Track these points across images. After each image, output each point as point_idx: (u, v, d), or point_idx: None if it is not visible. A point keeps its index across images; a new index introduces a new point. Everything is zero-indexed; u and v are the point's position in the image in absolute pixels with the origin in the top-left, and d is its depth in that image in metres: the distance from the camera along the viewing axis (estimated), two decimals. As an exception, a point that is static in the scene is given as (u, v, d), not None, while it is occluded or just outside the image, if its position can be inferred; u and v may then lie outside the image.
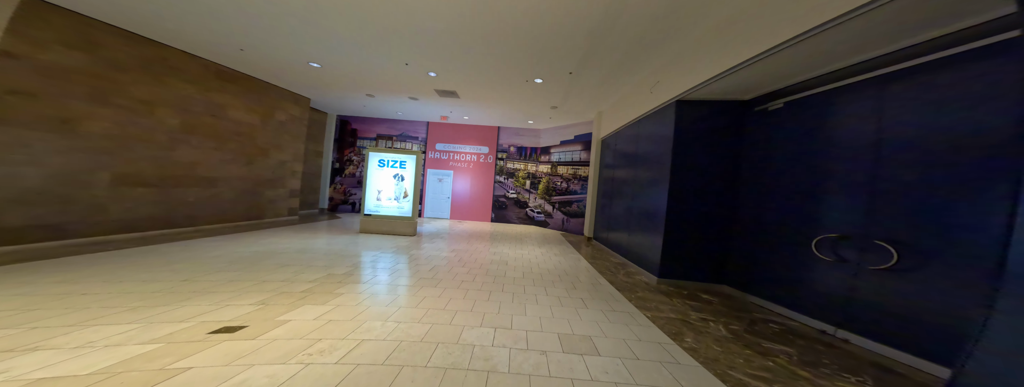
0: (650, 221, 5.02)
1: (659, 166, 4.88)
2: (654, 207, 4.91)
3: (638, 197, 5.66)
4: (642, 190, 5.52)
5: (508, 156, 11.31)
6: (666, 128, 4.75)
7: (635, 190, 5.86)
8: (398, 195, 6.97)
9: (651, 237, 4.92)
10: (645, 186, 5.41)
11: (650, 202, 5.10)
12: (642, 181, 5.57)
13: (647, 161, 5.43)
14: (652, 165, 5.19)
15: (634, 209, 5.78)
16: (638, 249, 5.46)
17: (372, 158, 6.93)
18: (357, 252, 5.39)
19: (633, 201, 5.86)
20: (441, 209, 11.40)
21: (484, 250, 6.43)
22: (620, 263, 6.03)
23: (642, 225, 5.36)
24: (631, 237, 5.83)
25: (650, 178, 5.21)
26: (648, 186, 5.27)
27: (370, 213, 6.90)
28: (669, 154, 4.55)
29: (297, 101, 8.31)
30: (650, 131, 5.44)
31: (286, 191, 8.23)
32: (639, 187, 5.68)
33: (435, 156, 11.24)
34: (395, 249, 5.80)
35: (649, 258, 4.94)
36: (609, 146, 7.98)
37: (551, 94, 7.46)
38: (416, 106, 9.24)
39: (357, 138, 10.84)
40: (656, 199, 4.85)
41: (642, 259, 5.23)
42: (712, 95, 4.30)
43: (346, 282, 3.78)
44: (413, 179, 7.01)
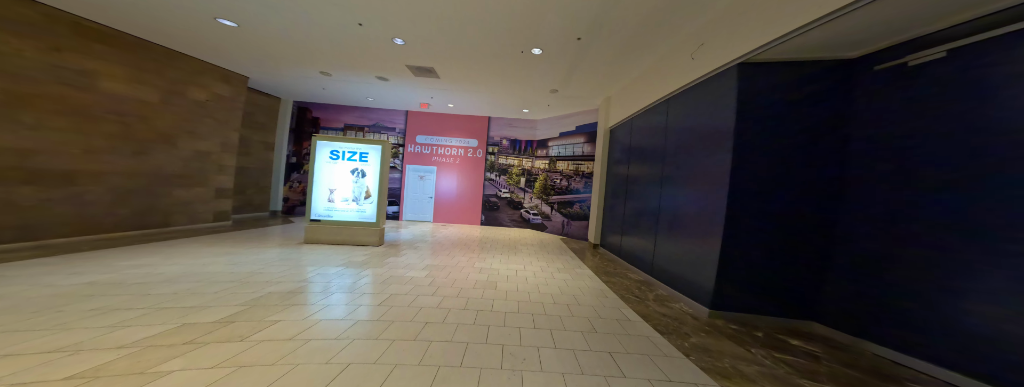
0: (695, 228, 3.65)
1: (709, 154, 3.52)
2: (701, 210, 3.55)
3: (671, 197, 4.29)
4: (679, 187, 4.15)
5: (500, 150, 9.91)
6: (721, 104, 3.41)
7: (665, 188, 4.49)
8: (358, 195, 5.50)
9: (697, 250, 3.55)
10: (684, 182, 4.05)
11: (695, 203, 3.73)
12: (678, 176, 4.20)
13: (687, 150, 4.06)
14: (695, 153, 3.83)
15: (663, 212, 4.41)
16: (672, 266, 4.09)
17: (321, 149, 5.46)
18: (278, 276, 3.79)
19: (661, 201, 4.49)
20: (423, 211, 9.94)
21: (468, 265, 5.00)
22: (642, 281, 4.66)
23: (678, 234, 4.00)
24: (659, 248, 4.45)
25: (693, 171, 3.85)
26: (690, 182, 3.91)
27: (319, 219, 5.42)
28: (729, 137, 3.20)
29: (227, 79, 6.70)
30: (690, 111, 4.09)
31: (209, 191, 6.55)
32: (673, 184, 4.31)
33: (416, 150, 9.78)
34: (343, 268, 4.32)
35: (693, 280, 3.57)
36: (619, 137, 6.62)
37: (551, 72, 6.07)
38: (389, 90, 7.78)
39: (319, 128, 9.30)
40: (706, 199, 3.49)
41: (681, 281, 3.86)
42: (796, 53, 2.97)
43: (202, 341, 2.21)
44: (378, 175, 5.55)
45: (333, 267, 4.27)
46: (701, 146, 3.70)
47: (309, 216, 5.34)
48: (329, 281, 3.73)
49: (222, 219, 6.88)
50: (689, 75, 4.00)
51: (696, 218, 3.63)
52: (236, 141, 7.00)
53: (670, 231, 4.18)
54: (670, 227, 4.19)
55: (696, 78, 3.83)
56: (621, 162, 6.41)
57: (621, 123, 6.55)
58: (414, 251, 5.65)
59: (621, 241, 5.94)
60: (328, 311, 2.91)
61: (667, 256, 4.22)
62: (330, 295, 3.29)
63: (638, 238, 5.19)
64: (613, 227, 6.52)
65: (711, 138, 3.50)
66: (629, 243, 5.57)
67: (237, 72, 6.88)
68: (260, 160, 8.57)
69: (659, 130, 4.80)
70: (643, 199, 5.15)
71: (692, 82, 3.93)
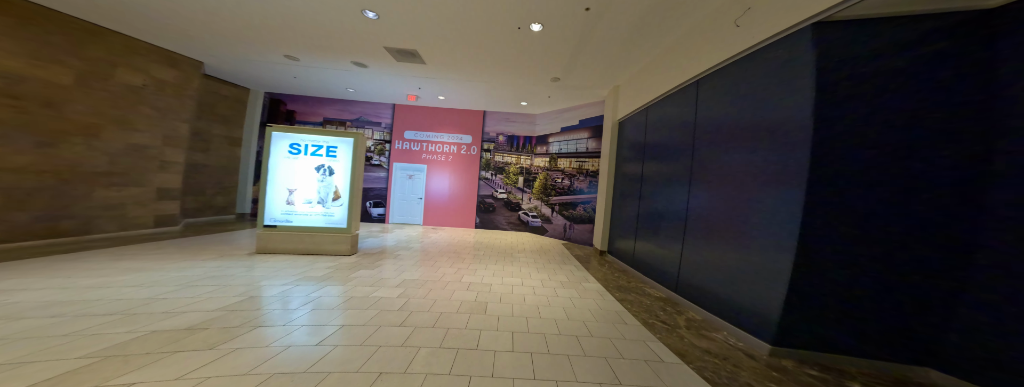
0: (744, 239, 2.81)
1: (767, 147, 2.69)
2: (756, 217, 2.71)
3: (704, 199, 3.46)
4: (716, 187, 3.32)
5: (496, 147, 9.09)
6: (783, 80, 2.60)
7: (695, 188, 3.66)
8: (324, 197, 4.63)
9: (749, 267, 2.72)
10: (723, 181, 3.22)
11: (744, 207, 2.91)
12: (714, 174, 3.38)
13: (728, 142, 3.23)
14: (739, 146, 3.00)
15: (692, 217, 3.57)
16: (709, 283, 3.25)
17: (278, 142, 4.60)
18: (185, 304, 2.75)
19: (690, 204, 3.65)
20: (412, 213, 9.09)
21: (454, 280, 4.15)
22: (665, 300, 3.81)
23: (717, 244, 3.16)
24: (689, 260, 3.61)
25: (740, 168, 3.02)
26: (733, 181, 3.09)
27: (274, 224, 4.54)
28: (802, 122, 2.38)
29: (173, 62, 5.79)
30: (730, 93, 3.27)
31: (148, 191, 5.58)
32: (707, 183, 3.48)
33: (404, 147, 8.94)
34: (291, 288, 3.41)
35: (743, 304, 2.73)
36: (630, 131, 5.79)
37: (553, 55, 5.25)
38: (370, 79, 6.94)
39: (295, 123, 8.43)
40: (763, 203, 2.66)
41: (723, 303, 3.02)
42: (907, 5, 2.14)
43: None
44: (350, 173, 4.69)
45: (278, 286, 3.39)
46: (750, 137, 2.86)
47: (261, 221, 4.45)
48: (258, 308, 2.83)
49: (167, 224, 5.93)
50: (728, 48, 3.17)
51: (746, 226, 2.80)
52: (186, 134, 6.09)
53: (705, 240, 3.33)
54: (704, 235, 3.35)
55: (740, 51, 3.00)
56: (632, 159, 5.57)
57: (632, 115, 5.72)
58: (393, 261, 4.79)
59: (634, 248, 5.10)
60: (227, 362, 2.03)
61: (700, 270, 3.38)
62: (245, 333, 2.40)
63: (657, 246, 4.35)
64: (623, 232, 5.68)
65: (768, 126, 2.67)
66: (645, 251, 4.72)
67: (186, 55, 5.97)
68: (223, 157, 7.65)
69: (683, 120, 3.97)
70: (663, 201, 4.31)
71: (734, 57, 3.10)
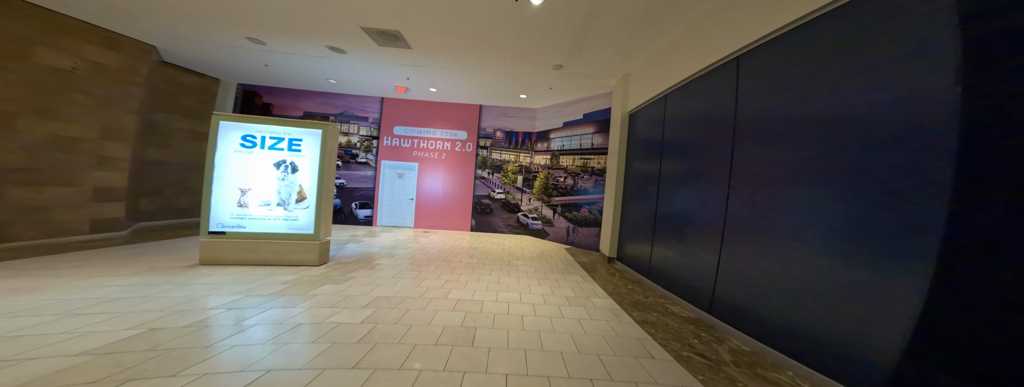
0: (819, 248, 2.14)
1: (877, 127, 2.02)
2: (849, 225, 2.05)
3: (754, 202, 2.80)
4: (775, 187, 2.66)
5: (494, 144, 8.43)
6: (913, 36, 1.91)
7: (739, 188, 3.01)
8: (286, 198, 3.95)
9: (828, 285, 2.05)
10: (786, 179, 2.56)
11: (827, 214, 2.24)
12: (768, 170, 2.72)
13: (794, 131, 2.57)
14: (810, 137, 2.33)
15: (733, 223, 2.91)
16: (762, 307, 2.60)
17: (226, 133, 3.84)
18: (67, 340, 2.05)
19: (731, 208, 2.99)
20: (402, 215, 8.43)
21: (439, 296, 3.50)
22: (696, 321, 3.15)
23: (774, 254, 2.49)
24: (728, 274, 2.96)
25: (813, 164, 2.35)
26: (812, 178, 2.42)
27: (223, 230, 3.85)
28: (947, 89, 1.69)
29: (114, 44, 5.05)
30: (792, 70, 2.60)
31: (83, 192, 4.86)
32: (759, 182, 2.82)
33: (393, 143, 8.28)
34: (222, 312, 2.71)
35: (818, 335, 2.08)
36: (643, 123, 5.13)
37: (555, 37, 4.61)
38: (352, 68, 6.28)
39: (271, 116, 7.73)
40: (880, 212, 1.99)
41: (782, 333, 2.37)
42: None
43: None
44: (317, 170, 4.02)
45: (203, 311, 2.69)
46: (835, 126, 2.19)
47: (205, 227, 3.76)
48: (151, 349, 2.10)
49: (108, 229, 5.15)
50: (792, 8, 2.50)
51: (821, 233, 2.13)
52: (132, 126, 5.35)
53: (753, 250, 2.67)
54: (751, 243, 2.69)
55: (817, 8, 2.32)
56: (646, 155, 4.91)
57: (646, 106, 5.06)
58: (368, 272, 4.12)
59: (650, 256, 4.43)
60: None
61: (746, 287, 2.71)
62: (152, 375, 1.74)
63: (682, 255, 3.68)
64: (636, 237, 5.01)
65: (867, 111, 2.00)
66: (665, 260, 4.05)
67: (131, 37, 5.23)
68: (187, 153, 6.89)
69: (716, 110, 3.30)
70: (689, 203, 3.64)
71: (804, 18, 2.43)
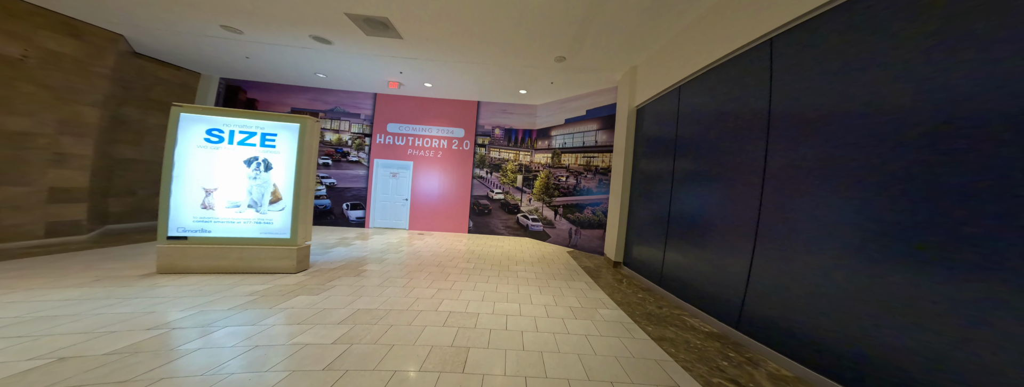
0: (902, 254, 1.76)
1: None
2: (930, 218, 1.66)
3: (795, 201, 2.43)
4: (820, 184, 2.28)
5: (492, 142, 8.05)
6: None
7: (783, 186, 2.63)
8: (258, 199, 3.56)
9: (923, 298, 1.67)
10: (838, 177, 2.18)
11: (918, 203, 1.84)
12: (817, 166, 2.34)
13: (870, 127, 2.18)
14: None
15: (767, 224, 2.52)
16: (801, 323, 2.22)
17: (188, 126, 3.41)
18: None
19: (766, 212, 2.61)
20: (396, 216, 8.04)
21: (429, 308, 3.11)
22: (720, 337, 2.77)
23: (829, 262, 2.11)
24: (764, 284, 2.57)
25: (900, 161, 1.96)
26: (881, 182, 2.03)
27: (185, 235, 3.43)
28: None
29: (74, 31, 4.62)
30: (882, 44, 2.22)
31: (36, 192, 4.42)
32: (815, 180, 2.44)
33: (387, 141, 7.89)
34: (166, 333, 2.30)
35: (905, 361, 1.68)
36: (653, 118, 4.76)
37: (558, 26, 4.26)
38: (341, 61, 5.89)
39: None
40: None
41: (837, 357, 1.98)
42: None
43: None
44: (294, 168, 3.63)
45: (140, 332, 2.27)
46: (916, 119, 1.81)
47: (163, 232, 3.32)
48: (56, 382, 1.72)
49: (66, 233, 4.69)
50: None
51: (886, 244, 1.75)
52: (94, 121, 4.91)
53: (798, 260, 2.28)
54: (796, 251, 2.30)
55: None
56: (657, 153, 4.53)
57: (656, 100, 4.68)
58: (352, 280, 3.73)
59: (662, 261, 4.05)
60: None
61: (785, 300, 2.33)
62: None
63: (702, 261, 3.30)
64: (645, 240, 4.63)
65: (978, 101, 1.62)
66: (681, 266, 3.67)
67: (93, 24, 4.79)
68: (161, 151, 6.29)
69: (743, 101, 2.92)
70: (710, 204, 3.26)
71: None
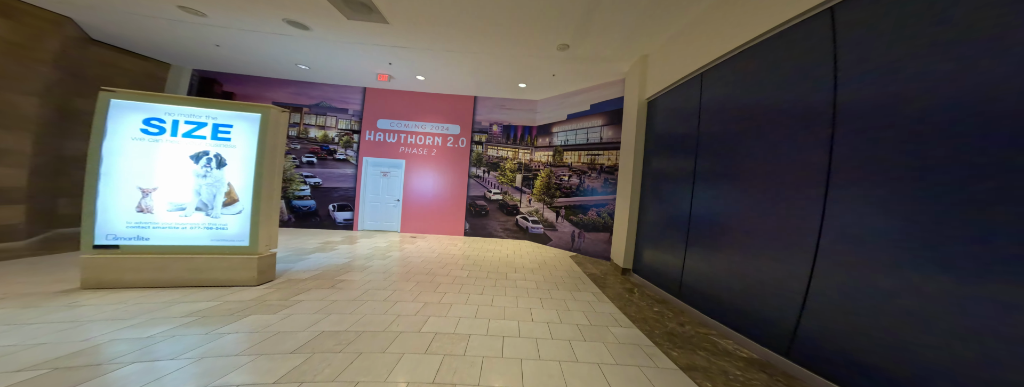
0: None
1: None
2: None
3: (877, 204, 1.91)
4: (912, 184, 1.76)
5: (490, 139, 7.57)
6: None
7: (861, 192, 2.11)
8: (209, 200, 3.03)
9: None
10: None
11: None
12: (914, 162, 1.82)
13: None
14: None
15: (838, 234, 2.03)
16: (914, 364, 1.69)
17: (120, 114, 2.87)
18: None
19: (834, 212, 2.11)
20: (387, 218, 7.54)
21: (412, 328, 2.61)
22: (762, 365, 2.27)
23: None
24: (835, 299, 2.07)
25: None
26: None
27: (114, 244, 2.85)
28: None
29: (8, 12, 4.10)
30: None
31: None
32: (895, 179, 1.92)
33: (377, 138, 7.40)
34: (45, 376, 1.75)
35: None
36: (666, 111, 4.28)
37: (561, 10, 3.79)
38: (323, 51, 5.40)
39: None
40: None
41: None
42: None
43: None
44: (254, 165, 3.11)
45: (13, 371, 1.74)
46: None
47: (88, 239, 2.76)
48: None
49: (6, 238, 4.10)
50: None
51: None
52: (32, 113, 4.34)
53: (894, 277, 1.78)
54: (882, 263, 1.80)
55: None
56: (672, 149, 4.05)
57: (671, 90, 4.19)
58: (323, 294, 3.22)
59: (682, 270, 3.54)
60: None
61: (863, 325, 1.82)
62: None
63: (734, 274, 2.80)
64: (659, 245, 4.13)
65: None
66: (705, 276, 3.17)
67: (33, 3, 4.24)
68: None
69: (795, 81, 2.43)
70: (747, 207, 2.77)
71: None
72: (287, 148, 7.10)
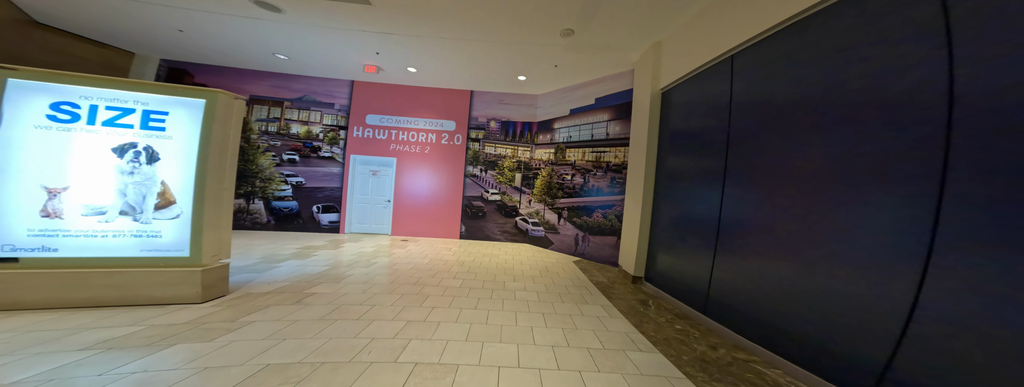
0: None
1: None
2: None
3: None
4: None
5: (487, 136, 7.08)
6: None
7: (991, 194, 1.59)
8: (137, 202, 2.51)
9: None
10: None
11: None
12: None
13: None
14: None
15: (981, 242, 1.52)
16: None
17: (19, 97, 2.32)
18: None
19: (959, 215, 1.60)
20: (376, 219, 7.03)
21: (388, 356, 2.11)
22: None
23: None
24: (943, 328, 1.54)
25: None
26: None
27: (8, 257, 2.27)
28: None
29: None
30: None
31: None
32: None
33: (366, 134, 6.89)
34: None
35: None
36: (682, 105, 3.80)
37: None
38: (301, 38, 4.90)
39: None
40: None
41: None
42: None
43: None
44: (195, 160, 2.60)
45: None
46: None
47: None
48: None
49: None
50: None
51: None
52: None
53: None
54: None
55: None
56: (694, 144, 3.57)
57: (693, 76, 3.71)
58: (285, 312, 2.71)
59: (709, 281, 3.04)
60: None
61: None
62: None
63: (784, 290, 2.30)
64: (678, 251, 3.64)
65: None
66: (740, 291, 2.67)
67: None
68: None
69: (884, 56, 1.94)
70: (803, 211, 2.28)
71: None
72: (266, 144, 6.57)
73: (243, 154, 6.41)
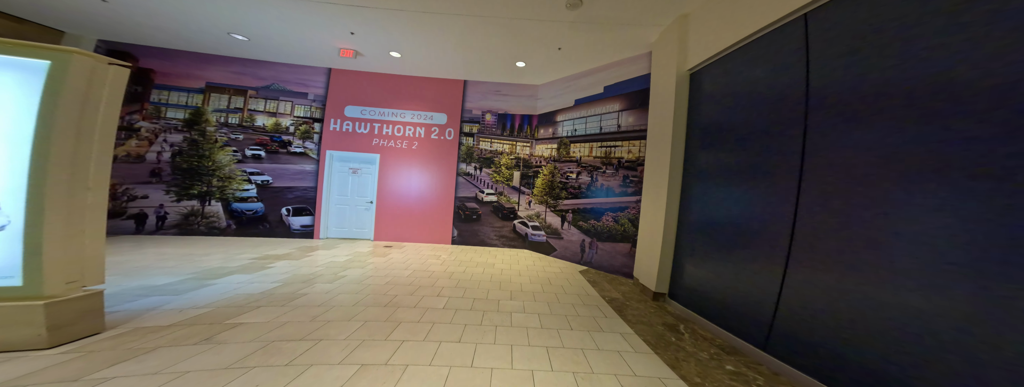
0: None
1: None
2: None
3: None
4: None
5: (482, 130, 6.34)
6: None
7: None
8: None
9: None
10: None
11: None
12: None
13: None
14: None
15: None
16: None
17: None
18: None
19: None
20: (357, 223, 6.25)
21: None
22: None
23: None
24: None
25: None
26: None
27: None
28: None
29: None
30: None
31: None
32: None
33: (344, 128, 6.12)
34: None
35: None
36: (722, 87, 3.06)
37: None
38: (260, 13, 4.12)
39: (151, 88, 5.56)
40: None
41: None
42: None
43: None
44: (32, 148, 1.80)
45: None
46: None
47: None
48: None
49: None
50: None
51: None
52: None
53: None
54: None
55: None
56: (740, 133, 2.83)
57: (739, 49, 2.95)
58: (179, 356, 1.93)
59: (775, 306, 2.29)
60: None
61: None
62: None
63: (963, 331, 1.53)
64: (719, 262, 2.89)
65: None
66: (840, 320, 1.91)
67: None
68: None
69: None
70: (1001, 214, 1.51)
71: None
72: (225, 138, 5.77)
73: (196, 148, 5.61)
